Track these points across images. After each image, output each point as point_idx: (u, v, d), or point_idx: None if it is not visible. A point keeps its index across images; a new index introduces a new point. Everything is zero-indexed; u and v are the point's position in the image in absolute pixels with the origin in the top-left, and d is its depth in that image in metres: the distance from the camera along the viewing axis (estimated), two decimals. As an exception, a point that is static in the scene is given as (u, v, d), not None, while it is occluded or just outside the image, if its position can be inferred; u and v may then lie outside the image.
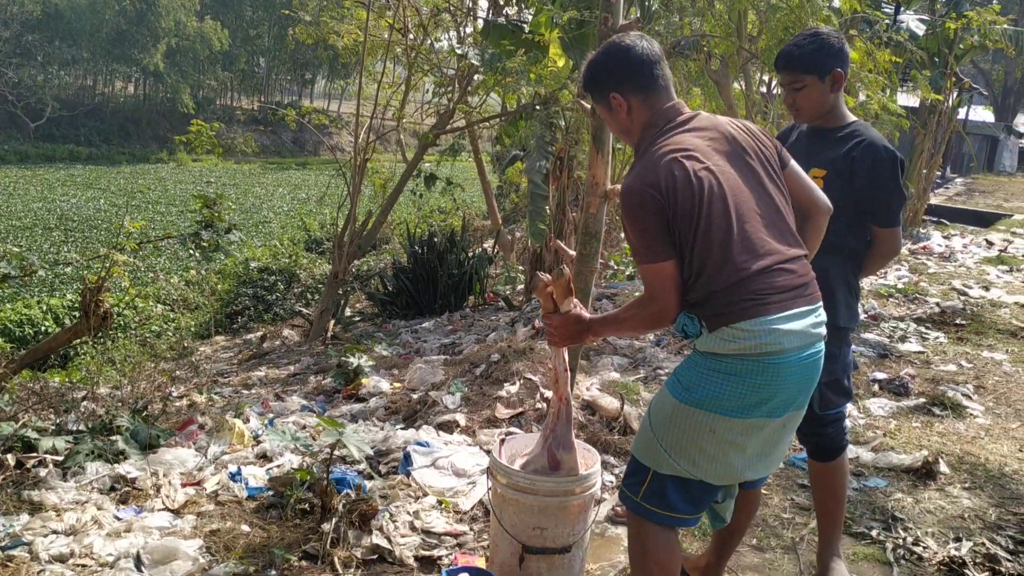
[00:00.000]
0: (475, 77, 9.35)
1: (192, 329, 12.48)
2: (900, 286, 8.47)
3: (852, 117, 2.92)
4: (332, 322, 9.25)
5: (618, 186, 2.82)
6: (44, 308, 12.95)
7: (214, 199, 5.73)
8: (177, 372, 8.26)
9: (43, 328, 12.26)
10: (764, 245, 2.19)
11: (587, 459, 2.87)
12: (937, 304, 7.72)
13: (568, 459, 2.68)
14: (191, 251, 5.30)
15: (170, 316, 13.43)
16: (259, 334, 10.53)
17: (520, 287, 10.64)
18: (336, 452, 3.40)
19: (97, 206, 26.20)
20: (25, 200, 26.58)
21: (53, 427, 4.63)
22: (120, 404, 5.45)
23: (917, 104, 13.24)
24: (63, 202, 26.61)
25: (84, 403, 5.51)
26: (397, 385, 5.62)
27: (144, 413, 4.95)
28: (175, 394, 6.35)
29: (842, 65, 2.80)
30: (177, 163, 38.62)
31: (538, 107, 8.08)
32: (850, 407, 4.95)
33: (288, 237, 18.31)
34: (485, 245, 13.68)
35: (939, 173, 18.23)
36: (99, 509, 3.49)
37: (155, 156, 40.50)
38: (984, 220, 14.83)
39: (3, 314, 12.37)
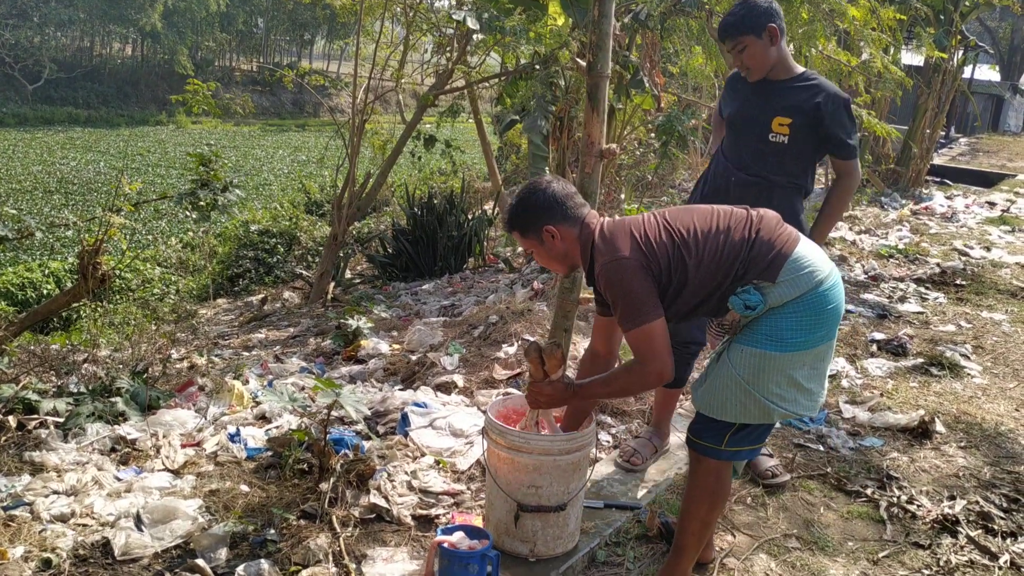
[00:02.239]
0: (474, 37, 9.23)
1: (194, 292, 12.50)
2: (901, 247, 8.45)
3: (800, 68, 3.26)
4: (332, 284, 9.25)
5: (614, 145, 2.81)
6: (46, 271, 12.95)
7: (210, 157, 5.69)
8: (179, 334, 8.28)
9: (44, 291, 12.26)
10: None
11: (582, 419, 2.88)
12: (938, 264, 7.70)
13: None
14: (187, 211, 5.27)
15: (171, 279, 13.45)
16: (260, 297, 10.54)
17: (520, 248, 10.61)
18: (334, 413, 3.41)
19: (97, 169, 26.06)
20: (24, 163, 26.45)
21: (54, 389, 4.66)
22: (121, 366, 5.47)
23: (921, 63, 13.09)
24: (63, 165, 26.46)
25: (85, 366, 5.53)
26: (396, 347, 5.63)
27: (145, 375, 4.97)
28: (175, 356, 6.37)
29: (774, 21, 3.13)
30: (176, 125, 38.37)
31: (537, 67, 7.99)
32: (848, 367, 4.97)
33: (288, 199, 18.24)
34: (485, 207, 13.64)
35: (943, 133, 18.08)
36: (99, 470, 3.51)
37: (154, 118, 40.20)
38: (988, 180, 14.72)
39: (4, 277, 12.37)
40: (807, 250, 2.42)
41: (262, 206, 18.57)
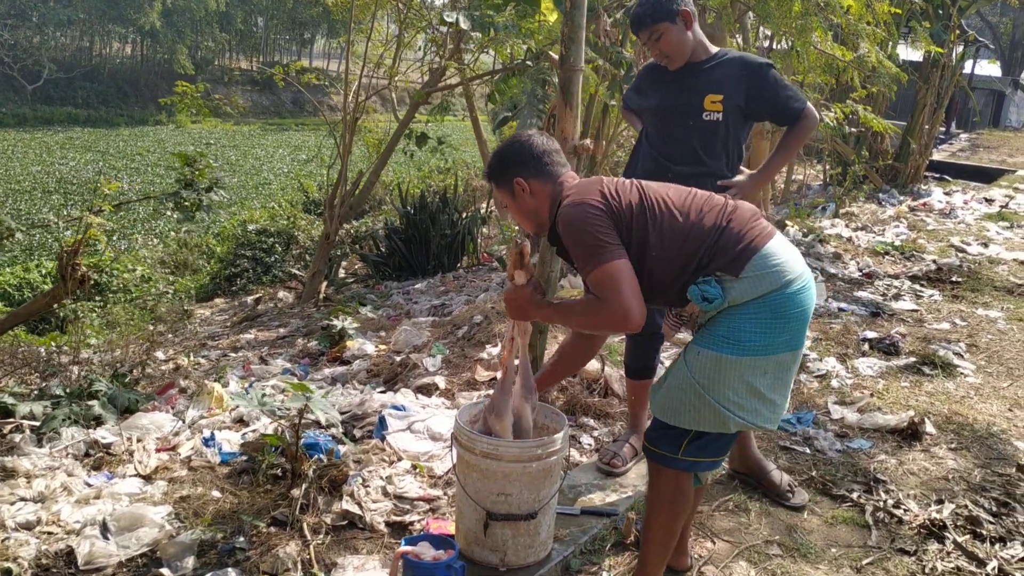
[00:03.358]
0: (469, 35, 9.15)
1: (192, 292, 12.47)
2: (897, 243, 8.36)
3: (715, 47, 3.26)
4: (325, 284, 9.20)
5: (587, 141, 2.73)
6: (43, 272, 12.91)
7: (195, 156, 5.62)
8: (169, 335, 8.22)
9: (42, 292, 12.21)
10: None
11: (554, 423, 2.80)
12: (934, 261, 7.61)
13: (498, 426, 2.66)
14: (170, 212, 5.20)
15: (169, 279, 13.42)
16: (254, 296, 10.49)
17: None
18: (308, 417, 3.34)
19: (97, 168, 26.03)
20: (24, 163, 26.42)
21: (36, 392, 4.60)
22: (106, 368, 5.41)
23: (920, 58, 12.99)
24: (62, 165, 26.44)
25: (72, 367, 5.47)
26: (383, 347, 5.56)
27: (127, 378, 4.90)
28: (162, 357, 6.30)
29: (684, 4, 3.12)
30: (176, 125, 38.26)
31: (530, 63, 7.91)
32: (838, 367, 4.88)
33: (286, 199, 18.20)
34: (483, 204, 13.58)
35: (943, 128, 17.98)
36: (69, 475, 3.44)
37: (154, 118, 40.11)
38: (987, 176, 14.63)
39: (2, 278, 12.33)
40: (780, 248, 2.29)
41: (261, 205, 18.54)
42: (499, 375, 2.73)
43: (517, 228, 2.50)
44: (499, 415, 2.65)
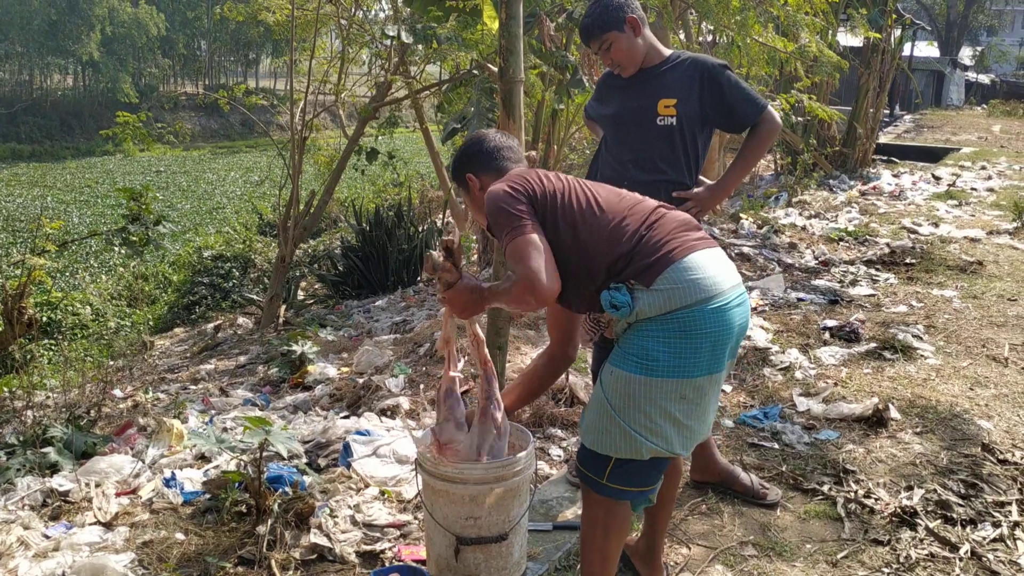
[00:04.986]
0: (414, 47, 9.09)
1: (150, 323, 12.24)
2: (851, 229, 8.44)
3: (668, 50, 3.20)
4: (283, 307, 9.05)
5: (533, 152, 2.71)
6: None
7: (140, 191, 5.53)
8: (128, 370, 8.04)
9: None
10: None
11: (520, 441, 2.76)
12: (887, 244, 7.70)
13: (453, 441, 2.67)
14: (117, 247, 5.09)
15: (125, 311, 13.17)
16: (214, 324, 10.31)
17: (475, 257, 10.49)
18: (270, 449, 3.27)
19: (45, 204, 25.53)
20: (-32, 204, 25.87)
21: (-9, 441, 4.46)
22: (62, 410, 5.26)
23: (860, 44, 13.20)
24: (8, 203, 25.92)
25: (26, 412, 5.31)
26: (345, 370, 5.48)
27: (84, 420, 4.77)
28: (120, 395, 6.15)
29: (632, 11, 3.09)
30: (124, 154, 37.66)
31: (476, 72, 7.88)
32: (801, 358, 4.90)
33: (241, 222, 17.99)
34: (440, 216, 13.51)
35: (887, 111, 18.27)
36: (26, 529, 3.33)
37: (100, 149, 39.44)
38: (933, 155, 14.88)
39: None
40: (704, 262, 2.16)
41: (216, 230, 18.30)
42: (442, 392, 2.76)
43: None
44: (449, 433, 2.65)
